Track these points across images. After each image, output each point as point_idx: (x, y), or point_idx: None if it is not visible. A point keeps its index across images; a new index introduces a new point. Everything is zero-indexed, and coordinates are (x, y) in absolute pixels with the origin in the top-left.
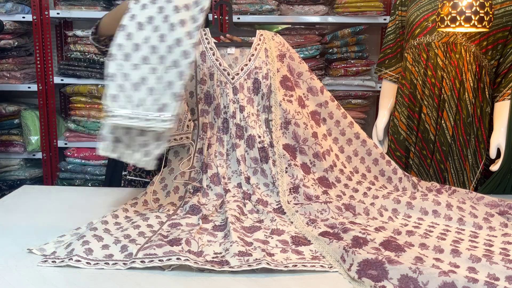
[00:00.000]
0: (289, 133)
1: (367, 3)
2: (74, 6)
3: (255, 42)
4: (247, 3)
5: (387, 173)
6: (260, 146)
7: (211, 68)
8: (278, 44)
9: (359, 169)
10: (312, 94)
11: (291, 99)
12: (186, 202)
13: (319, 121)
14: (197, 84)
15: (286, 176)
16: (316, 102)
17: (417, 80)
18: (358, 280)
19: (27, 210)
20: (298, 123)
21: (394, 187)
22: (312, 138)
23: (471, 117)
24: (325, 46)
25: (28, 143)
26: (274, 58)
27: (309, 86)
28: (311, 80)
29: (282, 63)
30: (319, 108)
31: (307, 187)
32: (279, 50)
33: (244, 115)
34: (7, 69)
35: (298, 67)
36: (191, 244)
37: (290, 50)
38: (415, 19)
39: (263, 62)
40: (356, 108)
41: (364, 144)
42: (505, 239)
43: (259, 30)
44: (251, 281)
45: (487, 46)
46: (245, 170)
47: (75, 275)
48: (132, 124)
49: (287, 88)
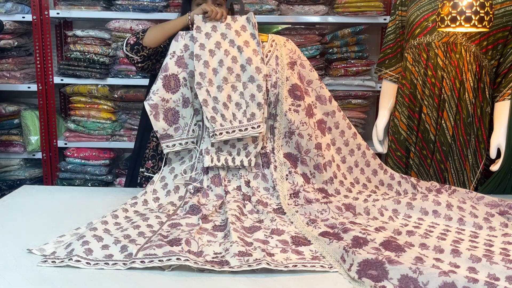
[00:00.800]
0: (292, 143)
1: (367, 3)
2: (74, 6)
3: (266, 48)
4: (247, 3)
5: (385, 181)
6: (262, 152)
7: None
8: (289, 52)
9: (359, 179)
10: (320, 102)
11: (298, 108)
12: (186, 202)
13: (325, 130)
14: None
15: (286, 183)
16: (323, 111)
17: (417, 80)
18: (358, 280)
19: (27, 210)
20: (302, 134)
21: (396, 192)
22: (314, 150)
23: (471, 117)
24: (325, 46)
25: (28, 143)
26: (284, 66)
27: (318, 95)
28: (321, 88)
29: (292, 70)
30: (326, 117)
31: (307, 191)
32: (290, 57)
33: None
34: (7, 69)
35: (308, 75)
36: (191, 244)
37: (301, 58)
38: (415, 19)
39: (273, 70)
40: (356, 108)
41: (364, 156)
42: (505, 239)
43: (271, 35)
44: (251, 281)
45: (487, 46)
46: (246, 174)
47: (75, 275)
48: (232, 137)
49: (295, 98)
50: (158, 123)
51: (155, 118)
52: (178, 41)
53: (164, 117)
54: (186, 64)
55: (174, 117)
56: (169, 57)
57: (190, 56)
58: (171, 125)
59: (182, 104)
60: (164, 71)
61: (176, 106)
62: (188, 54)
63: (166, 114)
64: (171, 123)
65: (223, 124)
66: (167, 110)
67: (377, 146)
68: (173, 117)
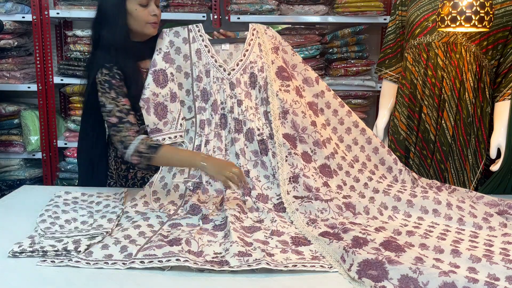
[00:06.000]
0: (288, 123)
1: (367, 3)
2: (74, 6)
3: (248, 37)
4: (247, 3)
5: (387, 163)
6: (259, 138)
7: (206, 65)
8: (271, 38)
9: (359, 158)
10: (307, 85)
11: (288, 89)
12: (186, 201)
13: (317, 111)
14: (193, 81)
15: (286, 165)
16: (312, 92)
17: (417, 80)
18: (358, 281)
19: (27, 210)
20: (296, 112)
21: (394, 177)
22: (311, 127)
23: (471, 117)
24: (325, 46)
25: (28, 143)
26: (268, 51)
27: (304, 77)
28: (306, 71)
29: (277, 55)
30: (316, 98)
31: (307, 177)
32: (272, 43)
33: (242, 109)
34: (7, 69)
35: (291, 59)
36: (191, 244)
37: (282, 44)
38: (415, 19)
39: (257, 56)
40: (356, 108)
41: (363, 133)
42: (505, 239)
43: (252, 24)
44: (251, 281)
45: (487, 46)
46: (245, 163)
47: (74, 275)
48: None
49: (283, 79)
50: (149, 117)
51: (146, 113)
52: (163, 38)
53: (154, 111)
54: (172, 59)
55: (163, 111)
56: (156, 53)
57: (176, 52)
58: (161, 119)
59: (170, 98)
60: (153, 66)
61: (165, 100)
62: (174, 50)
63: (156, 109)
64: (161, 118)
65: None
66: (157, 105)
67: None
68: (162, 111)
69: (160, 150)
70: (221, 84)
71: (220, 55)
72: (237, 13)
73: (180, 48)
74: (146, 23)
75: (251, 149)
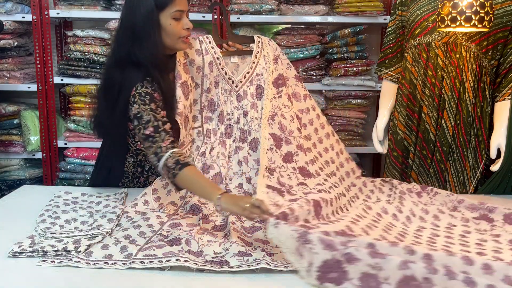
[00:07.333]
0: (275, 124)
1: (367, 3)
2: (74, 6)
3: (255, 50)
4: (247, 3)
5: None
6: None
7: (217, 77)
8: (273, 49)
9: (336, 174)
10: (295, 99)
11: (281, 94)
12: (187, 202)
13: (301, 125)
14: (203, 92)
15: (265, 157)
16: (298, 107)
17: (417, 80)
18: (321, 286)
19: (27, 210)
20: (285, 115)
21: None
22: (297, 131)
23: (471, 117)
24: (325, 46)
25: (28, 143)
26: (271, 62)
27: (293, 92)
28: (296, 86)
29: (276, 64)
30: (301, 114)
31: (282, 176)
32: (273, 54)
33: (247, 120)
34: (7, 69)
35: (285, 72)
36: (191, 244)
37: (281, 57)
38: (415, 19)
39: (263, 68)
40: (356, 108)
41: (338, 156)
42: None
43: (257, 36)
44: (251, 281)
45: (487, 46)
46: (247, 171)
47: (74, 275)
48: None
49: (278, 86)
50: (182, 131)
51: (182, 127)
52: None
53: (184, 124)
54: (188, 70)
55: (185, 123)
56: (178, 64)
57: (191, 63)
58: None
59: (190, 109)
60: (179, 78)
61: (188, 112)
62: (188, 61)
63: (185, 121)
64: (185, 129)
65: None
66: (185, 118)
67: (377, 146)
68: (185, 123)
69: (184, 169)
70: (229, 96)
71: (228, 67)
72: (237, 13)
73: (194, 60)
74: (178, 38)
75: (254, 157)
